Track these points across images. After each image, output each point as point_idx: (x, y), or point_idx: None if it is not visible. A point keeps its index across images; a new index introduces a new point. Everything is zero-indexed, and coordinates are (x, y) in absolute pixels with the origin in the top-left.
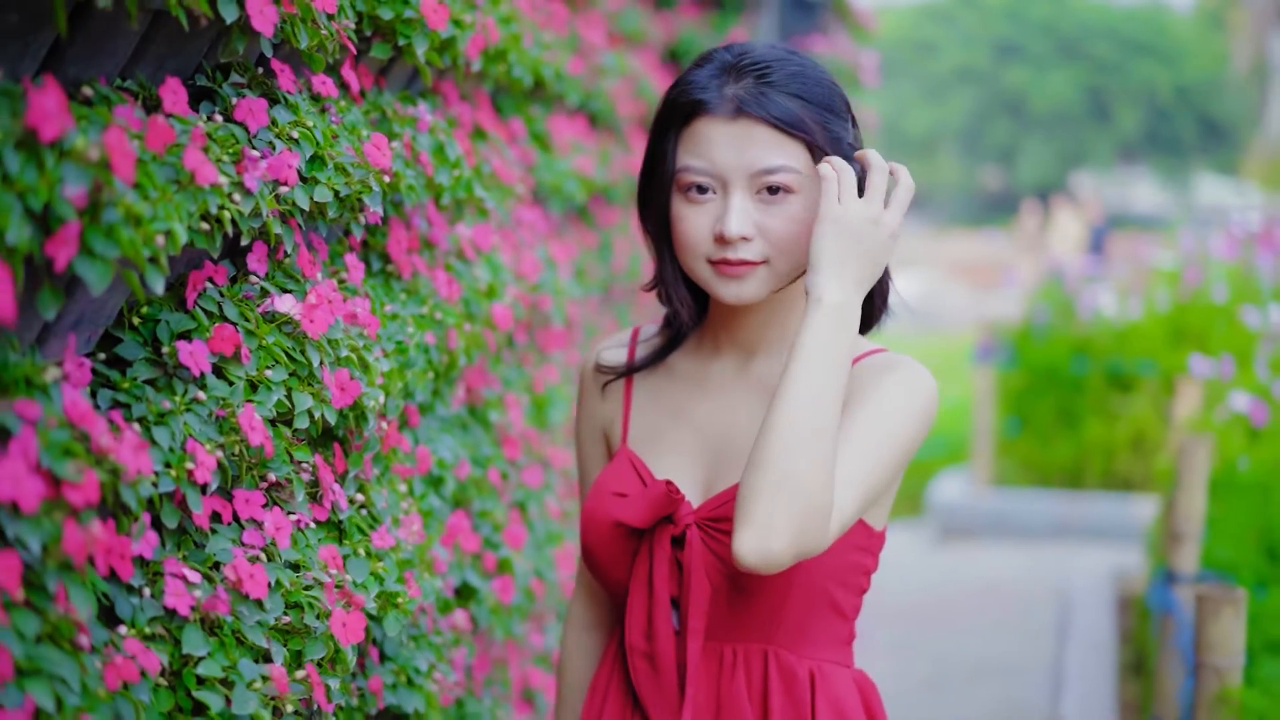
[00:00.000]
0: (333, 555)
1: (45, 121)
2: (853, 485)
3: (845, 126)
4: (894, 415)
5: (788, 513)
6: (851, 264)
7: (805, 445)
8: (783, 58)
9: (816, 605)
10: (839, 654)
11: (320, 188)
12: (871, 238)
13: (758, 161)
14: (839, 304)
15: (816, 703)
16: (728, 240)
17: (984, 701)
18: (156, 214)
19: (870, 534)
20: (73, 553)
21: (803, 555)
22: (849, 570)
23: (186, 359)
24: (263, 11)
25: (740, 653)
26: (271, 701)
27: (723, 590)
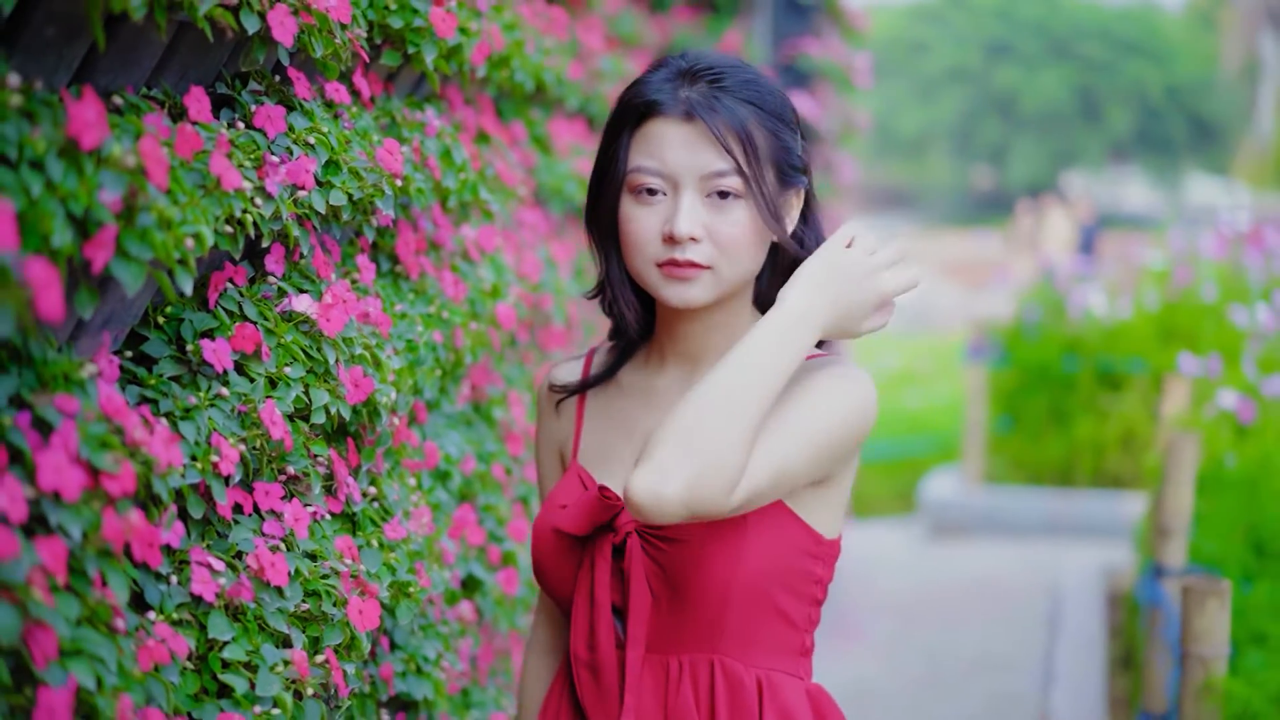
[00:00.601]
0: (348, 546)
1: (86, 131)
2: (764, 463)
3: (795, 139)
4: (822, 405)
5: (687, 461)
6: (830, 294)
7: (724, 408)
8: (736, 65)
9: (760, 612)
10: (790, 664)
11: (335, 191)
12: (864, 285)
13: (709, 164)
14: (802, 311)
15: (764, 711)
16: (677, 240)
17: (976, 696)
18: (185, 218)
19: (819, 541)
20: (111, 540)
21: (697, 512)
22: (795, 577)
23: (210, 356)
24: (283, 23)
25: (686, 663)
26: (292, 685)
27: (664, 598)
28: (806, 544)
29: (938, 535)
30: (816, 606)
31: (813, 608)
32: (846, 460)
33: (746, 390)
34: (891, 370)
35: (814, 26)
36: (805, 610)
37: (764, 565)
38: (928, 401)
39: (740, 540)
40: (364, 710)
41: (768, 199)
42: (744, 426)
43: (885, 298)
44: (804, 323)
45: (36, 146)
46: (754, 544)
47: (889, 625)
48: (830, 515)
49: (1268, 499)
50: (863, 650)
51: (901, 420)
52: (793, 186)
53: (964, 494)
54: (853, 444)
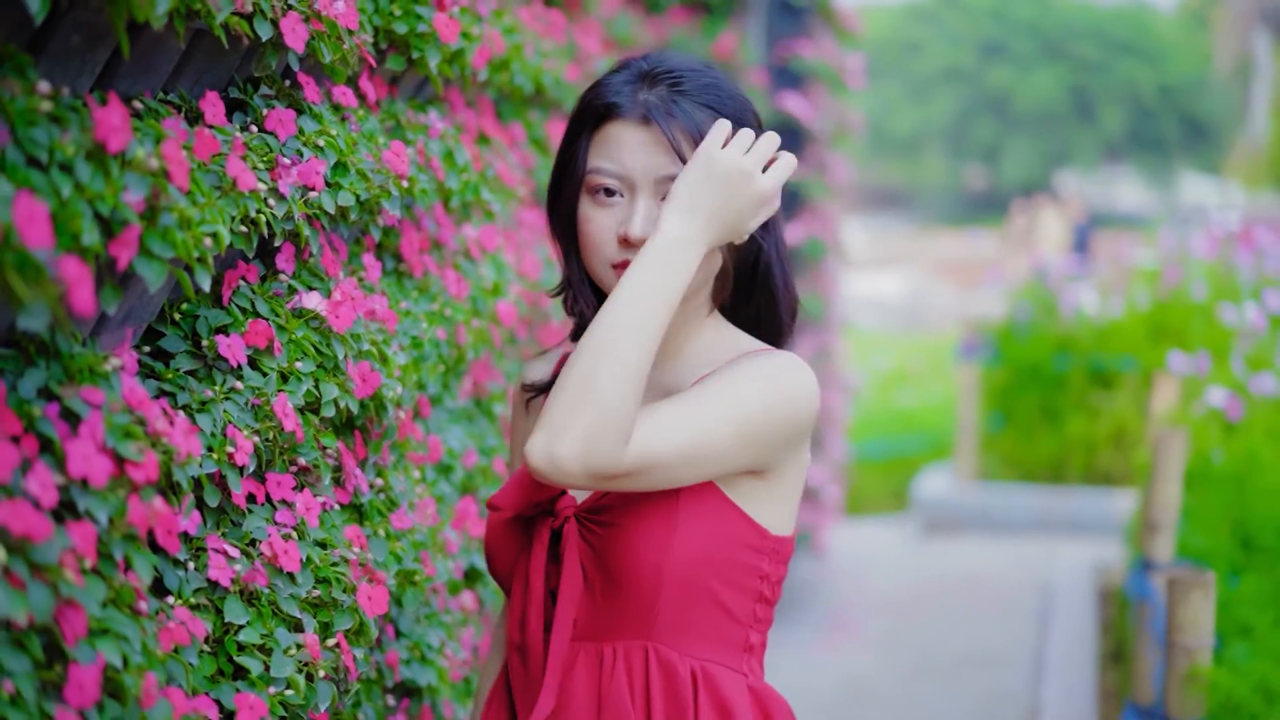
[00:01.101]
0: (357, 535)
1: (112, 135)
2: (671, 427)
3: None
4: (747, 387)
5: (579, 421)
6: (708, 207)
7: (609, 361)
8: (697, 69)
9: (696, 601)
10: (732, 658)
11: (344, 192)
12: (740, 191)
13: (665, 167)
14: (678, 238)
15: (700, 701)
16: (631, 242)
17: (968, 691)
18: (204, 218)
19: (762, 535)
20: (137, 524)
21: (594, 471)
22: (734, 569)
23: (225, 351)
24: (294, 29)
25: (621, 651)
26: (305, 667)
27: (598, 583)
28: (749, 537)
29: (931, 532)
30: (764, 604)
31: (759, 604)
32: (785, 451)
33: (629, 330)
34: (885, 370)
35: (807, 28)
36: (749, 605)
37: (697, 553)
38: (921, 400)
39: (672, 526)
40: (370, 695)
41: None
42: (630, 366)
43: (765, 196)
44: (682, 247)
45: (65, 150)
46: (687, 531)
47: (882, 622)
48: (776, 511)
49: (1254, 494)
50: (856, 646)
51: (895, 419)
52: None
53: (956, 491)
54: (787, 433)
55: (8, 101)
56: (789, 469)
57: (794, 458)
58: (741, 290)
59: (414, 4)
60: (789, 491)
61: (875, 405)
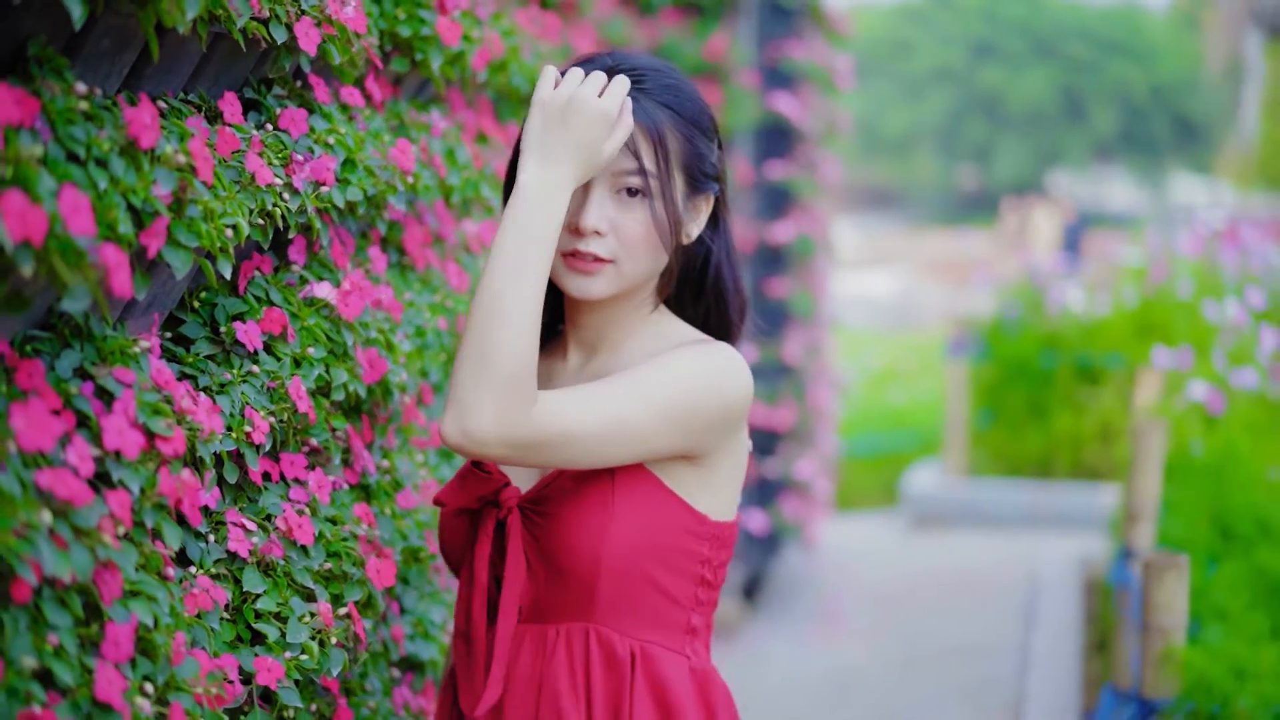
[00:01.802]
0: (365, 512)
1: (143, 133)
2: (593, 403)
3: (710, 147)
4: (673, 371)
5: (483, 388)
6: (557, 146)
7: (497, 319)
8: (659, 69)
9: (635, 586)
10: (673, 640)
11: (353, 188)
12: (580, 118)
13: (619, 162)
14: (538, 182)
15: (635, 680)
16: (582, 232)
17: (955, 681)
18: (225, 210)
19: (701, 520)
20: (166, 494)
21: (509, 439)
22: (672, 554)
23: (243, 337)
24: (308, 33)
25: (564, 632)
26: (318, 634)
27: (541, 570)
28: (686, 523)
29: (919, 527)
30: (705, 587)
31: (700, 588)
32: (716, 437)
33: (510, 291)
34: (875, 367)
35: (797, 29)
36: (690, 589)
37: (634, 540)
38: (911, 398)
39: (607, 513)
40: (376, 667)
41: (668, 201)
42: (519, 327)
43: (608, 115)
44: (544, 192)
45: (101, 146)
46: (622, 518)
47: (871, 613)
48: (715, 497)
49: (1232, 485)
50: (845, 637)
51: (885, 416)
52: (702, 192)
53: (945, 486)
54: (715, 419)
55: (48, 101)
56: (724, 456)
57: (728, 445)
58: (690, 289)
59: (418, 8)
60: (726, 478)
61: (866, 402)
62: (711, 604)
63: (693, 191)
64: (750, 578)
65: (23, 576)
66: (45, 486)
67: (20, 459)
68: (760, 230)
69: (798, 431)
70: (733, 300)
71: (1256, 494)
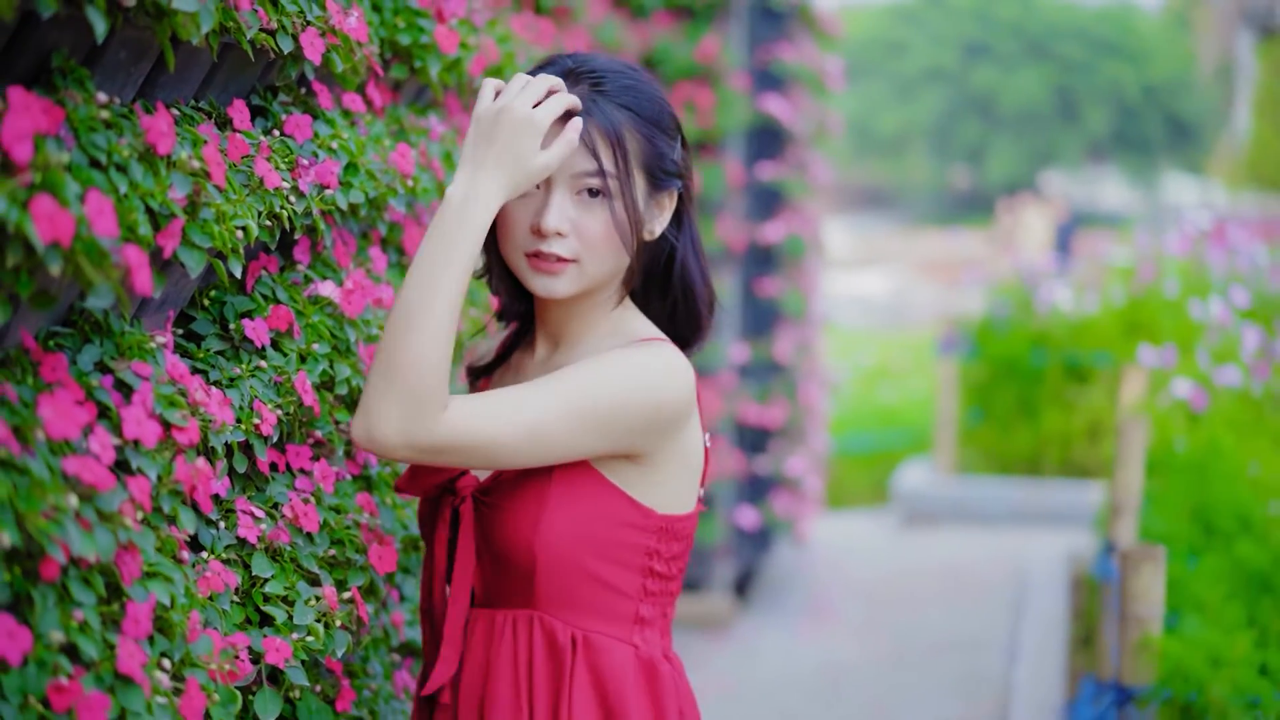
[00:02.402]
0: (367, 501)
1: (160, 140)
2: (508, 409)
3: (672, 145)
4: (595, 374)
5: (389, 397)
6: (485, 158)
7: (408, 331)
8: (620, 71)
9: (572, 575)
10: (620, 630)
11: (355, 190)
12: (508, 129)
13: (578, 163)
14: (462, 195)
15: (575, 667)
16: (543, 234)
17: (944, 674)
18: (236, 212)
19: (646, 514)
20: (182, 481)
21: (415, 445)
22: (614, 546)
23: (251, 333)
24: (313, 43)
25: (511, 618)
26: (323, 617)
27: (487, 558)
28: (630, 517)
29: (910, 524)
30: (655, 578)
31: (648, 579)
32: (653, 438)
33: (426, 303)
34: (867, 366)
35: (788, 32)
36: (636, 580)
37: (569, 531)
38: (902, 396)
39: (540, 505)
40: (378, 652)
41: (628, 201)
42: (430, 338)
43: (537, 124)
44: (464, 206)
45: (121, 153)
46: (556, 511)
47: (861, 609)
48: (662, 493)
49: (1214, 481)
50: (836, 632)
51: (877, 414)
52: (665, 190)
53: (935, 484)
54: (647, 421)
55: (72, 110)
56: (667, 456)
57: (670, 444)
58: (655, 286)
59: (417, 17)
60: (673, 474)
61: (857, 401)
62: (667, 594)
63: (655, 189)
64: (742, 574)
65: (52, 555)
66: (71, 472)
67: (48, 446)
68: (751, 231)
69: (789, 429)
70: (701, 295)
71: (1238, 489)
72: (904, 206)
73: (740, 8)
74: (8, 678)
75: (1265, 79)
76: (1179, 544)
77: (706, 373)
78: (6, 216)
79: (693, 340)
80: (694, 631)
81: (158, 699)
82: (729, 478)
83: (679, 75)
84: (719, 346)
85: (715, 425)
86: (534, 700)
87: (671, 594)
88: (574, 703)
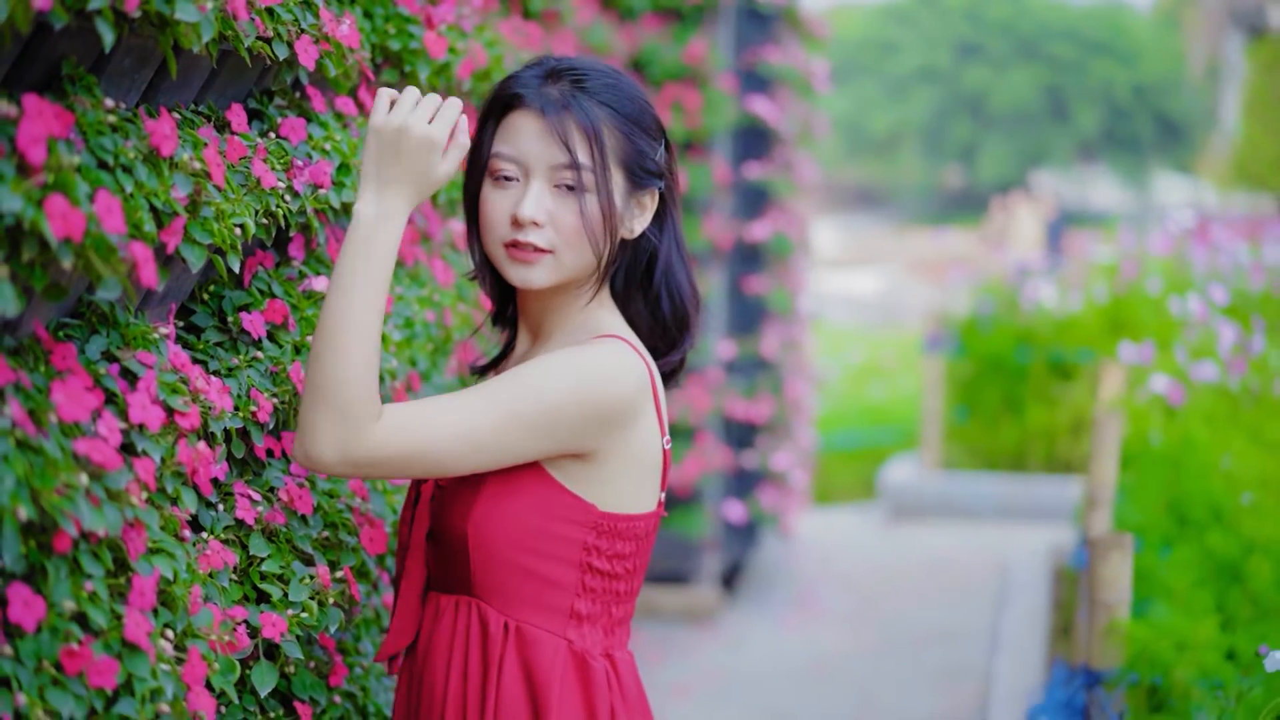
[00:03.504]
0: (359, 487)
1: (164, 142)
2: (441, 418)
3: (653, 145)
4: (535, 380)
5: (320, 415)
6: (388, 175)
7: (333, 350)
8: (603, 71)
9: (503, 568)
10: (554, 623)
11: (347, 190)
12: (407, 148)
13: (558, 156)
14: (372, 213)
15: (506, 655)
16: (521, 223)
17: (928, 664)
18: (235, 211)
19: (587, 510)
20: (185, 463)
21: (352, 461)
22: (544, 538)
23: (248, 326)
24: (307, 50)
25: (454, 602)
26: (317, 595)
27: (434, 543)
28: (569, 512)
29: (897, 519)
30: (596, 575)
31: (586, 574)
32: (596, 437)
33: (346, 322)
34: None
35: (774, 34)
36: (573, 575)
37: (501, 523)
38: (891, 393)
39: (475, 494)
40: (369, 632)
41: (603, 195)
42: (354, 355)
43: (435, 142)
44: (375, 223)
45: (127, 155)
46: (489, 500)
47: (848, 601)
48: (606, 490)
49: (1189, 473)
50: (822, 624)
51: (865, 412)
52: (645, 189)
53: (922, 480)
54: (587, 420)
55: (81, 115)
56: (616, 453)
57: (617, 443)
58: (637, 286)
59: (407, 23)
60: (621, 472)
61: (846, 398)
62: (610, 594)
63: (635, 188)
64: (730, 567)
65: (65, 529)
66: (82, 453)
67: (60, 429)
68: (738, 229)
69: (775, 424)
70: (687, 295)
71: (1211, 481)
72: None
73: (727, 10)
74: (23, 642)
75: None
76: (1153, 535)
77: (694, 369)
78: (23, 215)
79: (681, 340)
80: (681, 623)
81: (162, 666)
82: (716, 472)
83: (667, 77)
84: (706, 343)
85: (702, 421)
86: (467, 684)
87: (618, 593)
88: (501, 689)
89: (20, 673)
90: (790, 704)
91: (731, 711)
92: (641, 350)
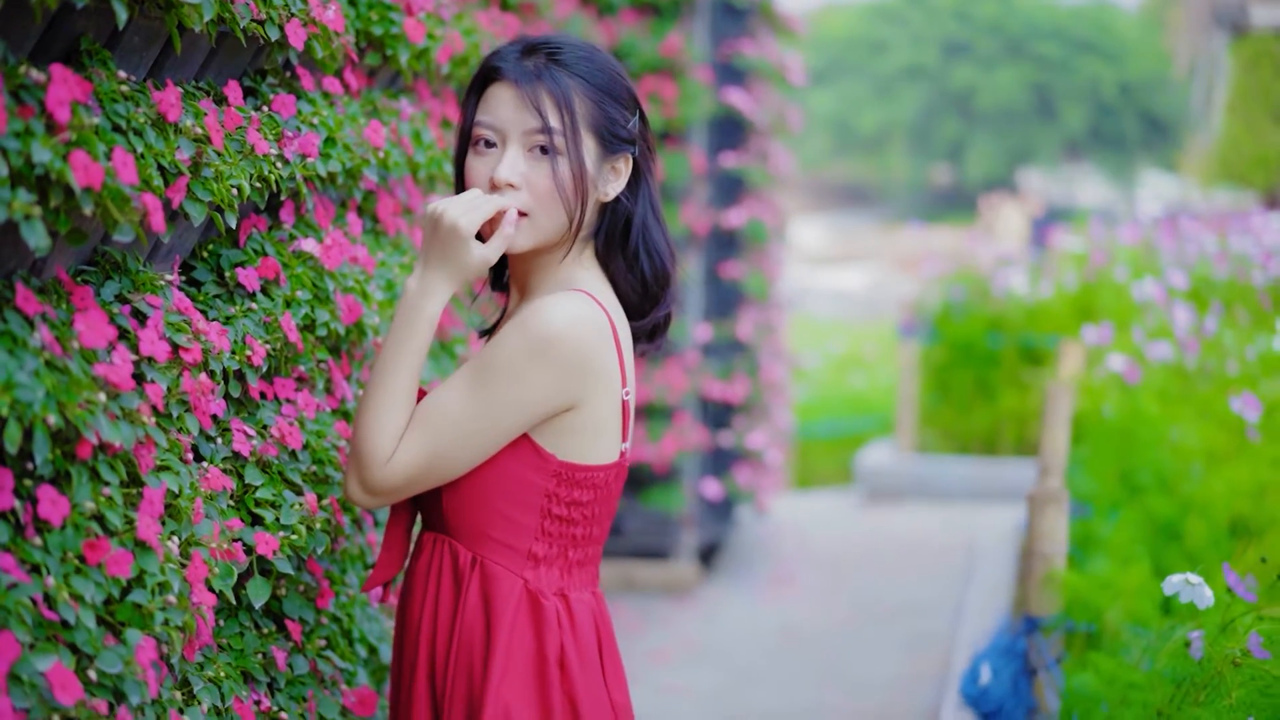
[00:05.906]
0: (344, 429)
1: (170, 110)
2: (424, 438)
3: (624, 113)
4: (490, 364)
5: (351, 460)
6: (429, 256)
7: (372, 403)
8: (579, 46)
9: (478, 509)
10: (514, 563)
11: (333, 161)
12: (456, 251)
13: (530, 121)
14: (413, 290)
15: (470, 584)
16: (497, 185)
17: (896, 633)
18: (232, 173)
19: (543, 457)
20: (189, 391)
21: (375, 494)
22: (513, 484)
23: (244, 280)
24: (296, 32)
25: (435, 539)
26: (305, 520)
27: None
28: (528, 458)
29: (872, 501)
30: (555, 520)
31: (546, 519)
32: (569, 385)
33: (384, 385)
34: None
35: (750, 28)
36: (533, 519)
37: (479, 470)
38: (871, 383)
39: None
40: (354, 566)
41: (574, 158)
42: (389, 404)
43: (461, 234)
44: (419, 299)
45: (138, 120)
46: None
47: (822, 577)
48: (567, 440)
49: (1139, 444)
50: (796, 597)
51: (846, 401)
52: (618, 154)
53: (896, 462)
54: (550, 376)
55: (98, 85)
56: (586, 399)
57: (587, 388)
58: (616, 247)
59: (388, 10)
60: (580, 423)
61: (828, 387)
62: (567, 538)
63: (607, 153)
64: (708, 545)
65: (86, 438)
66: (100, 374)
67: (81, 354)
68: (714, 216)
69: (751, 405)
70: (663, 251)
71: (1159, 452)
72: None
73: (704, 5)
74: (51, 535)
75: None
76: (1103, 502)
77: (671, 351)
78: (51, 165)
79: (662, 291)
80: (660, 596)
81: (169, 565)
82: (693, 451)
83: (644, 69)
84: (684, 325)
85: (680, 401)
86: (438, 614)
87: (575, 538)
88: (464, 618)
89: (49, 561)
90: (761, 667)
91: (705, 673)
92: (604, 303)
